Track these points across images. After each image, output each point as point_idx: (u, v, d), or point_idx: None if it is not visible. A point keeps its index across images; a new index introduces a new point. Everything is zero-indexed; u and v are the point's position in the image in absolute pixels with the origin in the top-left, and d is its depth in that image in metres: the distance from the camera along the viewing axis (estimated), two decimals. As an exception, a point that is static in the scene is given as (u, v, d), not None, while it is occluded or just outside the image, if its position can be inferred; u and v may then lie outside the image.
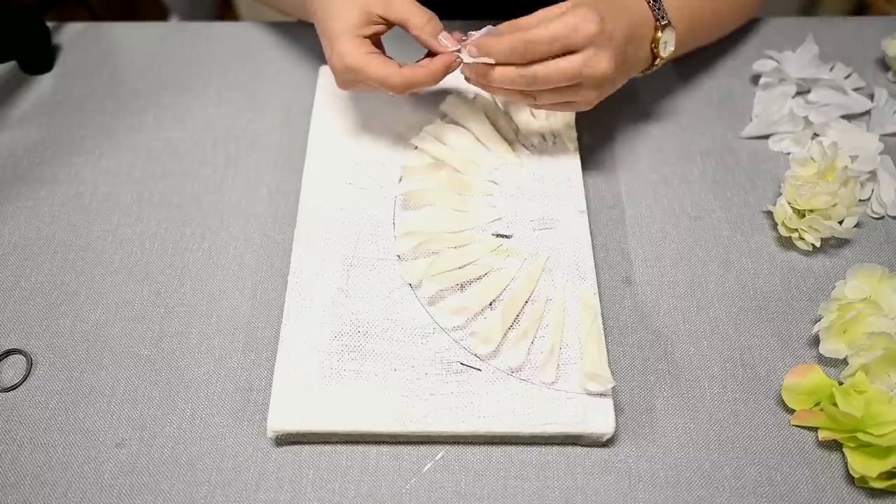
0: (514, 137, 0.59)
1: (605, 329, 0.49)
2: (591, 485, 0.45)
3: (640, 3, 0.53)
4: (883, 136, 0.60)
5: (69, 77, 0.67)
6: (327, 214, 0.54)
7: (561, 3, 0.50)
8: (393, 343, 0.48)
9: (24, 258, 0.55)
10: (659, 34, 0.53)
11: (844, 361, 0.48)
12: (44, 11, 0.68)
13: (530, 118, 0.59)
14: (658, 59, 0.55)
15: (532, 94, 0.51)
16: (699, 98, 0.65)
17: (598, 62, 0.48)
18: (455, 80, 0.62)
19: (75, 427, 0.48)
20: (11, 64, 0.67)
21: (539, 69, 0.48)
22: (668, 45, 0.54)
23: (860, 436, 0.43)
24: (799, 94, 0.64)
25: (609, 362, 0.46)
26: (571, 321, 0.49)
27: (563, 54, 0.48)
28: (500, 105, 0.60)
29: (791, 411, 0.48)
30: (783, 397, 0.48)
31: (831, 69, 0.64)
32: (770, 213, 0.57)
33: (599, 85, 0.50)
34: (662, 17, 0.53)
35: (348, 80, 0.52)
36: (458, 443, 0.47)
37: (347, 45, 0.50)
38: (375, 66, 0.49)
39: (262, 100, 0.65)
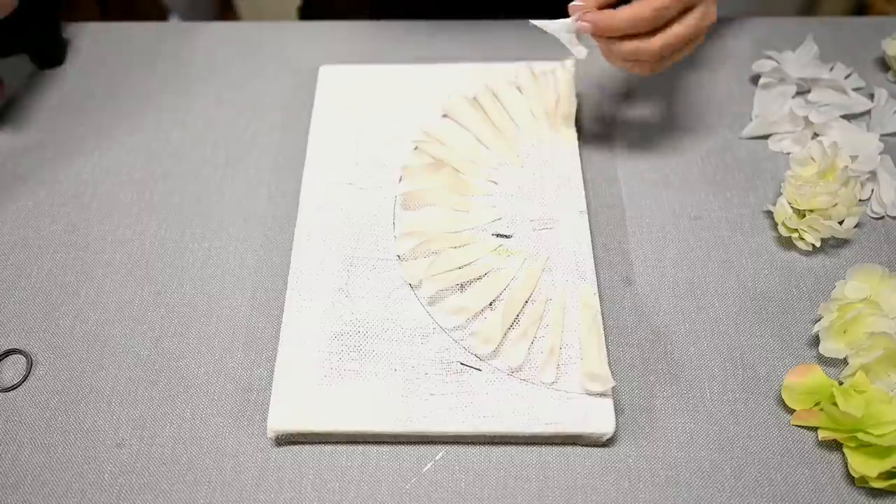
0: (514, 137, 0.59)
1: (605, 329, 0.49)
2: (591, 485, 0.45)
3: None
4: (883, 136, 0.60)
5: (69, 77, 0.67)
6: (327, 214, 0.54)
7: None
8: (393, 343, 0.48)
9: (24, 258, 0.55)
10: None
11: (844, 361, 0.48)
12: (56, 5, 0.67)
13: (530, 118, 0.59)
14: None
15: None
16: (699, 98, 0.65)
17: (712, 12, 0.50)
18: (455, 80, 0.62)
19: (75, 427, 0.48)
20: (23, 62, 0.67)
21: (663, 38, 0.49)
22: None
23: (860, 436, 0.43)
24: (799, 94, 0.64)
25: (609, 362, 0.46)
26: (571, 321, 0.49)
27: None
28: (500, 104, 0.60)
29: (791, 411, 0.48)
30: (783, 397, 0.48)
31: (831, 69, 0.64)
32: (770, 213, 0.57)
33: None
34: None
35: None
36: (458, 443, 0.47)
37: None
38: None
39: (262, 100, 0.65)
